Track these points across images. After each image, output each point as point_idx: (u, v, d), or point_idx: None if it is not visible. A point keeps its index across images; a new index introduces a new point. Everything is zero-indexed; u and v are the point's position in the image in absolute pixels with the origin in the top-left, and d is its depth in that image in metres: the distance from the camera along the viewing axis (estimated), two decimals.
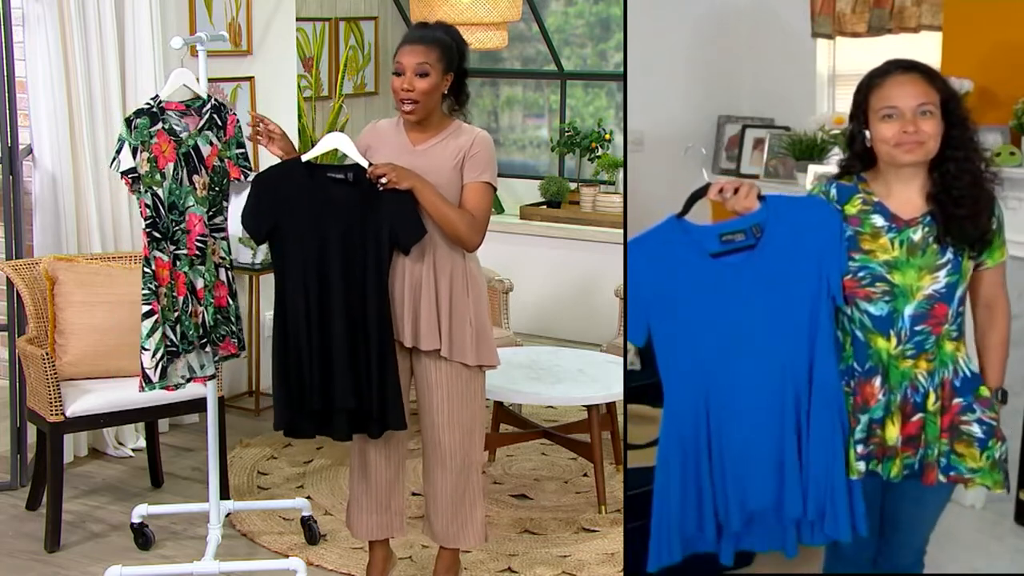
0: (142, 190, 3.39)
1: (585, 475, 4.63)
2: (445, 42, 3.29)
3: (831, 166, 2.93)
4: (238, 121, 3.54)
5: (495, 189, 3.35)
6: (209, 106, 3.50)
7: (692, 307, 2.73)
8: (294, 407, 3.33)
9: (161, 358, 3.42)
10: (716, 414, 2.74)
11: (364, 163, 3.28)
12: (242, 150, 3.53)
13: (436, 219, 3.27)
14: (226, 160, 3.51)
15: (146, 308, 3.40)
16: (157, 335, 3.40)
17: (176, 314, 3.45)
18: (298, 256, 3.28)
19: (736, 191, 2.72)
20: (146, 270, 3.40)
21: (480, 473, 3.53)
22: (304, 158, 3.32)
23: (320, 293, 3.28)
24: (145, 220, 3.41)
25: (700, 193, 2.75)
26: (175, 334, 3.45)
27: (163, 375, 3.43)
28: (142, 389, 3.47)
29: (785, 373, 2.71)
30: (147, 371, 3.42)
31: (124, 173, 3.39)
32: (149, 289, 3.40)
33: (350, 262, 3.27)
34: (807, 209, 2.75)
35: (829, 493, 2.73)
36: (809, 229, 2.70)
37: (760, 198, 2.72)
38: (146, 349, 3.41)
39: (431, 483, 3.50)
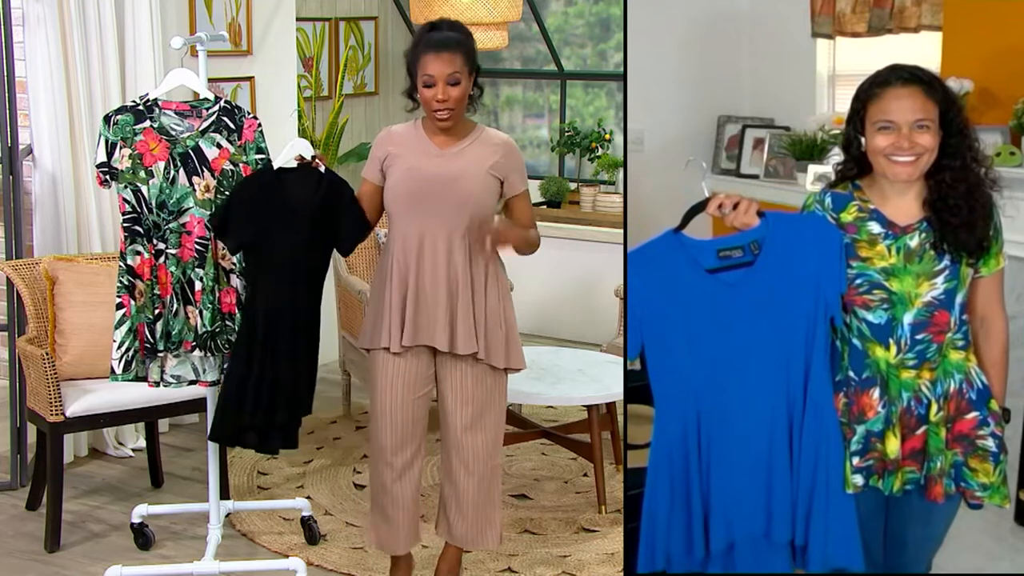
0: (120, 186, 3.40)
1: (585, 475, 4.63)
2: (465, 44, 3.26)
3: (831, 167, 2.89)
4: (259, 126, 3.49)
5: None
6: (216, 108, 3.47)
7: (686, 323, 2.68)
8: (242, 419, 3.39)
9: (127, 351, 3.44)
10: (706, 432, 2.70)
11: (322, 168, 3.37)
12: (262, 155, 3.48)
13: (529, 249, 3.37)
14: (242, 165, 3.46)
15: (116, 301, 3.44)
16: (124, 328, 3.43)
17: (158, 311, 3.44)
18: (262, 265, 3.36)
19: (736, 206, 2.68)
20: (120, 264, 3.43)
21: (500, 476, 3.52)
22: (276, 165, 3.37)
23: (290, 306, 3.36)
24: (124, 215, 3.43)
25: (699, 208, 2.71)
26: (151, 333, 3.45)
27: (127, 368, 3.46)
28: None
29: (778, 393, 2.67)
30: (112, 362, 3.47)
31: (97, 167, 3.42)
32: (121, 283, 3.43)
33: (297, 266, 3.35)
34: (807, 227, 2.70)
35: (821, 518, 2.67)
36: (808, 247, 2.66)
37: (759, 214, 2.68)
38: (114, 341, 3.45)
39: (454, 485, 3.46)
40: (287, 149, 3.38)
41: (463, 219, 3.27)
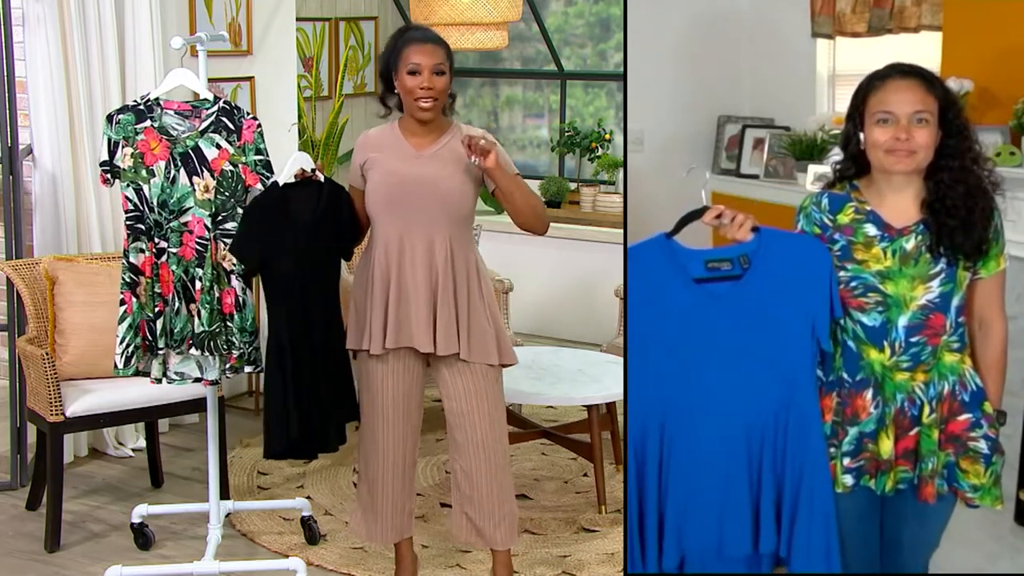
0: (123, 184, 3.42)
1: (585, 475, 4.63)
2: (446, 44, 3.31)
3: (829, 166, 2.87)
4: (259, 126, 3.48)
5: None
6: (215, 108, 3.46)
7: (667, 329, 2.66)
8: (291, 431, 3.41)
9: (127, 346, 3.46)
10: (669, 440, 2.67)
11: (321, 177, 3.40)
12: (261, 157, 3.47)
13: (526, 205, 3.27)
14: (241, 166, 3.46)
15: (119, 297, 3.46)
16: (125, 324, 3.45)
17: (158, 309, 3.45)
18: (276, 282, 3.37)
19: (732, 219, 2.67)
20: (123, 262, 3.45)
21: (509, 470, 3.51)
22: (280, 182, 3.38)
23: (304, 320, 3.38)
24: (126, 213, 3.45)
25: (693, 215, 2.70)
26: (151, 331, 3.46)
27: (127, 363, 3.48)
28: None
29: (753, 408, 2.64)
30: (115, 357, 3.49)
31: (100, 165, 3.44)
32: (124, 280, 3.45)
33: (305, 277, 3.37)
34: (800, 247, 2.67)
35: (804, 533, 2.64)
36: (800, 267, 2.63)
37: (754, 230, 2.66)
38: (116, 336, 3.47)
39: (476, 488, 3.43)
40: (289, 164, 3.38)
41: (443, 220, 3.28)
